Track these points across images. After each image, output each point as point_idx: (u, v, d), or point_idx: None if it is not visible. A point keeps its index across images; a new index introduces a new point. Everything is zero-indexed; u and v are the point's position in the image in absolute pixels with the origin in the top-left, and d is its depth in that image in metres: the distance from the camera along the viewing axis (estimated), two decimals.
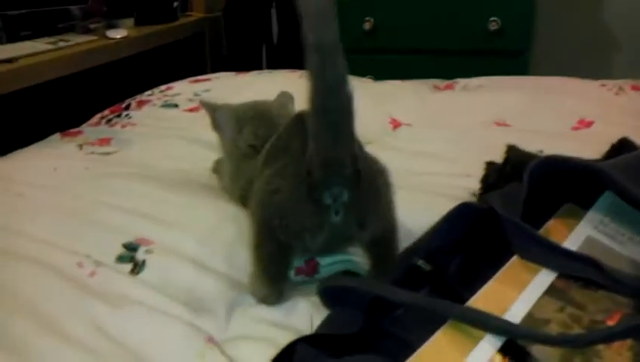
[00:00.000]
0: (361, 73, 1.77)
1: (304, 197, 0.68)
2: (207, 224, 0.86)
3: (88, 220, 0.87)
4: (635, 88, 1.34)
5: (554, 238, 0.66)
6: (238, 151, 0.91)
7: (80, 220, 0.87)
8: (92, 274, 0.75)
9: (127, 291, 0.72)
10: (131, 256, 0.79)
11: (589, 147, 1.01)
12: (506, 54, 2.13)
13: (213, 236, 0.83)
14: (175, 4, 2.60)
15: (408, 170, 1.01)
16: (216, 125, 0.96)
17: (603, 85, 1.37)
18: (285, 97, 1.00)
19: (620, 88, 1.34)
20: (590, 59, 2.53)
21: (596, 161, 0.80)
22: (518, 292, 0.60)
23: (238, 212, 0.87)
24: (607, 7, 2.50)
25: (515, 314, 0.57)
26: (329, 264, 0.78)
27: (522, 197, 0.67)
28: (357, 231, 0.71)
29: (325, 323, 0.63)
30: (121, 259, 0.79)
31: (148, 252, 0.79)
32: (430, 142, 1.14)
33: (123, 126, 1.27)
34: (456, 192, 0.89)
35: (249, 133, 0.90)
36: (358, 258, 0.78)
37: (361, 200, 0.69)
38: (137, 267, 0.77)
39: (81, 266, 0.76)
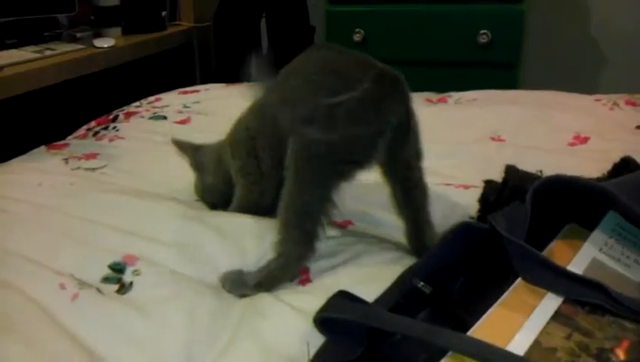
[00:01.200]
0: None
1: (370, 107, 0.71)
2: (198, 241, 0.83)
3: (73, 238, 0.84)
4: (629, 103, 1.33)
5: (558, 260, 0.64)
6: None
7: (64, 238, 0.84)
8: (74, 296, 0.72)
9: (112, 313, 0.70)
10: (118, 278, 0.76)
11: (587, 163, 1.00)
12: (495, 67, 2.14)
13: (204, 254, 0.81)
14: (163, 13, 2.57)
15: None
16: (196, 167, 0.97)
17: (597, 100, 1.36)
18: None
19: (615, 103, 1.33)
20: (578, 73, 2.54)
21: (598, 179, 0.79)
22: (523, 318, 0.58)
23: (231, 230, 0.85)
24: (596, 22, 2.52)
25: (522, 342, 0.55)
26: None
27: (527, 220, 0.65)
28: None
29: (322, 351, 0.61)
30: (107, 280, 0.76)
31: (135, 273, 0.76)
32: (426, 156, 1.12)
33: (110, 139, 1.24)
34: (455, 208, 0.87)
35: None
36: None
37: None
38: (124, 288, 0.75)
39: (63, 288, 0.73)
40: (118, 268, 0.77)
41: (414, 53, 2.21)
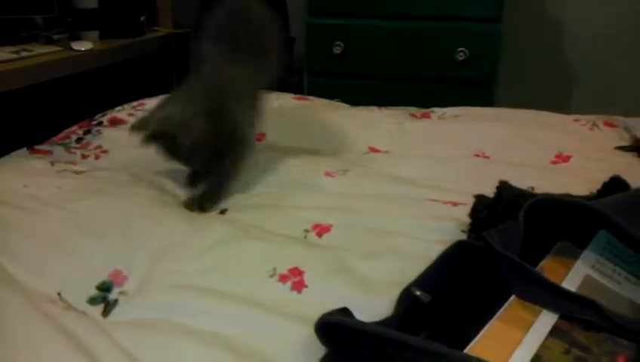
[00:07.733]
0: (329, 96, 1.79)
1: None
2: (187, 253, 0.83)
3: (61, 248, 0.83)
4: (607, 124, 1.37)
5: (551, 277, 0.65)
6: None
7: (52, 247, 0.83)
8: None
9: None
10: (104, 297, 0.76)
11: (571, 181, 1.02)
12: (472, 83, 2.18)
13: (195, 265, 0.81)
14: (142, 18, 2.55)
15: (391, 194, 1.01)
16: None
17: (576, 120, 1.40)
18: None
19: (594, 124, 1.36)
20: (550, 91, 2.63)
21: (588, 198, 0.81)
22: (522, 333, 0.59)
23: (226, 237, 0.85)
24: (568, 43, 2.59)
25: (523, 356, 0.56)
26: None
27: (520, 237, 0.67)
28: None
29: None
30: (93, 301, 0.76)
31: (122, 294, 0.76)
32: (412, 170, 1.13)
33: (96, 146, 1.22)
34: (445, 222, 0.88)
35: None
36: None
37: None
38: (108, 306, 0.75)
39: (54, 303, 0.73)
40: (104, 288, 0.77)
41: (393, 68, 2.24)
